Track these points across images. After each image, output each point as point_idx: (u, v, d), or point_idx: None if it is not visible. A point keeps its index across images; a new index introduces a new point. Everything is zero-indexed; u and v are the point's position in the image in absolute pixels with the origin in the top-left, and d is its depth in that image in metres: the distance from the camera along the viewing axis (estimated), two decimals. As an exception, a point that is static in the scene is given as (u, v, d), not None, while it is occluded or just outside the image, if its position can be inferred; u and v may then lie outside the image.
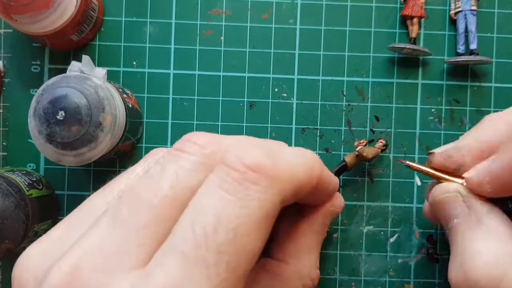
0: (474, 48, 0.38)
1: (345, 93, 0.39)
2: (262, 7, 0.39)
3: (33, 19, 0.32)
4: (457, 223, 0.29)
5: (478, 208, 0.28)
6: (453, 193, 0.29)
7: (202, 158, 0.23)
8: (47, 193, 0.36)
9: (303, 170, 0.25)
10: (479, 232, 0.27)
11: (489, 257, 0.26)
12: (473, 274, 0.26)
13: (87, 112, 0.30)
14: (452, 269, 0.28)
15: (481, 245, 0.27)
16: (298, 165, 0.25)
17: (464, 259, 0.27)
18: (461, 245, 0.28)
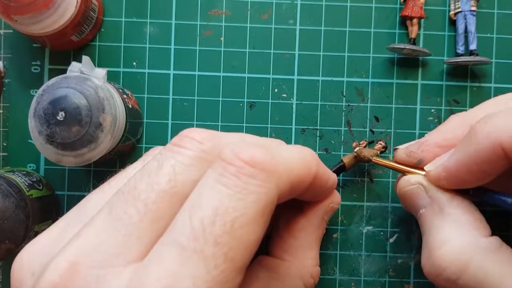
0: (474, 48, 0.38)
1: (345, 94, 0.39)
2: (262, 7, 0.39)
3: (33, 20, 0.32)
4: (422, 213, 0.30)
5: (439, 198, 0.30)
6: (416, 185, 0.31)
7: (200, 153, 0.23)
8: (47, 193, 0.36)
9: (300, 165, 0.26)
10: (442, 221, 0.29)
11: (454, 246, 0.27)
12: (440, 263, 0.27)
13: (87, 113, 0.30)
14: (423, 258, 0.29)
15: (446, 234, 0.28)
16: (294, 160, 0.26)
17: (431, 248, 0.28)
18: (427, 235, 0.29)
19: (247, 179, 0.22)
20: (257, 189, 0.22)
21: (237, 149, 0.22)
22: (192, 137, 0.24)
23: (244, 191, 0.21)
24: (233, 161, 0.22)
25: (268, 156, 0.23)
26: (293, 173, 0.25)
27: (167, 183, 0.22)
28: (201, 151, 0.23)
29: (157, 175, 0.22)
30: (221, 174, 0.22)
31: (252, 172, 0.22)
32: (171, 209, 0.22)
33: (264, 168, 0.22)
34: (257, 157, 0.22)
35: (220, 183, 0.21)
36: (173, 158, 0.23)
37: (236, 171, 0.22)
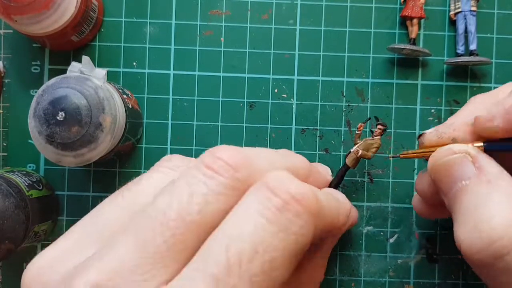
0: (474, 48, 0.38)
1: (345, 94, 0.39)
2: (262, 7, 0.39)
3: (33, 20, 0.32)
4: (465, 185, 0.27)
5: (488, 169, 0.27)
6: (462, 154, 0.28)
7: (233, 181, 0.22)
8: (47, 193, 0.36)
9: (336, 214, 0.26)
10: (492, 193, 0.26)
11: (507, 218, 0.24)
12: (491, 234, 0.24)
13: (87, 113, 0.30)
14: (462, 232, 0.26)
15: (497, 206, 0.25)
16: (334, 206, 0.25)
17: (478, 220, 0.25)
18: (472, 207, 0.26)
19: (291, 217, 0.21)
20: (299, 230, 0.21)
21: (285, 180, 0.21)
22: (226, 161, 0.22)
23: (287, 230, 0.21)
24: (280, 193, 0.21)
25: (314, 197, 0.22)
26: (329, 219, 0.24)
27: (197, 214, 0.21)
28: (235, 179, 0.22)
29: (188, 204, 0.21)
30: (266, 206, 0.21)
31: (297, 210, 0.21)
32: (198, 239, 0.21)
33: (309, 209, 0.21)
34: (305, 195, 0.21)
35: (263, 216, 0.21)
36: (205, 185, 0.22)
37: (282, 206, 0.21)
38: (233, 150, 0.23)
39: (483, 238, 0.25)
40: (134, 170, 0.39)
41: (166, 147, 0.39)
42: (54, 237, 0.38)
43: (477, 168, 0.27)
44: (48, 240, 0.38)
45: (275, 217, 0.21)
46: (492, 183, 0.26)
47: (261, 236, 0.20)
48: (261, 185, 0.22)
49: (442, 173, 0.28)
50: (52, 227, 0.38)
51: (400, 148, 0.39)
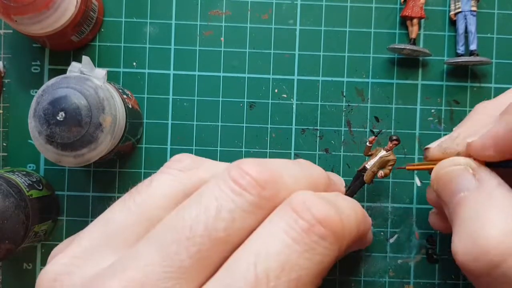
0: (474, 48, 0.38)
1: (345, 94, 0.39)
2: (262, 7, 0.39)
3: (33, 20, 0.32)
4: (464, 196, 0.27)
5: (489, 181, 0.27)
6: (463, 166, 0.28)
7: (261, 200, 0.22)
8: (47, 193, 0.36)
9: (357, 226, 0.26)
10: (490, 205, 0.26)
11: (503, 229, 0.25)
12: (485, 244, 0.25)
13: (87, 113, 0.30)
14: (458, 241, 0.27)
15: (494, 217, 0.25)
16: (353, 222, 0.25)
17: (474, 230, 0.25)
18: (470, 219, 0.26)
19: (317, 239, 0.21)
20: (324, 251, 0.22)
21: (310, 203, 0.22)
22: (254, 177, 0.23)
23: (312, 251, 0.21)
24: (305, 216, 0.22)
25: (339, 219, 0.22)
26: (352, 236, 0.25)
27: (224, 231, 0.21)
28: (263, 198, 0.22)
29: (215, 220, 0.21)
30: (291, 226, 0.21)
31: (323, 233, 0.22)
32: (221, 256, 0.21)
33: (334, 231, 0.22)
34: (329, 217, 0.22)
35: (289, 236, 0.21)
36: (233, 202, 0.22)
37: (308, 228, 0.21)
38: (260, 165, 0.23)
39: (479, 247, 0.25)
40: (134, 170, 0.39)
41: (166, 147, 0.39)
42: (54, 237, 0.38)
43: (477, 180, 0.27)
44: (48, 240, 0.38)
45: (301, 238, 0.21)
46: (491, 195, 0.26)
47: (287, 255, 0.21)
48: (286, 207, 0.22)
49: (443, 184, 0.29)
50: (52, 227, 0.38)
51: (401, 149, 0.39)
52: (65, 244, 0.25)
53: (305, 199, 0.22)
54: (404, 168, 0.34)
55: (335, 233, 0.22)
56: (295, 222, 0.22)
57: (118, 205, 0.25)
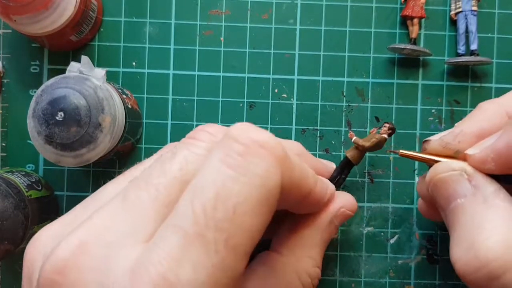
0: (475, 48, 0.38)
1: (345, 94, 0.39)
2: (262, 7, 0.39)
3: (32, 20, 0.32)
4: (460, 203, 0.27)
5: (486, 188, 0.27)
6: (458, 171, 0.28)
7: (212, 144, 0.23)
8: (46, 194, 0.36)
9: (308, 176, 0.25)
10: (488, 213, 0.26)
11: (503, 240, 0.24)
12: (485, 255, 0.24)
13: (86, 113, 0.30)
14: (457, 251, 0.26)
15: (493, 226, 0.25)
16: (305, 168, 0.25)
17: (473, 240, 0.25)
18: (468, 227, 0.26)
19: (253, 159, 0.21)
20: (263, 172, 0.21)
21: (246, 127, 0.22)
22: (206, 130, 0.24)
23: (249, 173, 0.20)
24: (241, 138, 0.21)
25: (278, 142, 0.22)
26: (296, 171, 0.24)
27: (178, 171, 0.22)
28: (214, 142, 0.23)
29: (170, 163, 0.23)
30: (227, 154, 0.21)
31: (260, 153, 0.21)
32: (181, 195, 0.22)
33: (273, 152, 0.21)
34: (268, 139, 0.21)
35: (224, 163, 0.21)
36: (186, 149, 0.23)
37: (243, 150, 0.21)
38: (214, 124, 0.25)
39: (478, 258, 0.25)
40: (134, 170, 0.39)
41: (166, 147, 0.39)
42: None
43: (473, 187, 0.27)
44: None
45: (236, 162, 0.20)
46: (488, 202, 0.26)
47: (223, 182, 0.20)
48: (223, 137, 0.22)
49: (439, 189, 0.28)
50: (51, 227, 0.38)
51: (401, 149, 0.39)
52: None
53: (243, 126, 0.22)
54: (397, 153, 0.33)
55: (274, 154, 0.21)
56: (230, 148, 0.21)
57: (108, 182, 0.27)
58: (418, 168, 0.39)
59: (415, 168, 0.39)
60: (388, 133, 0.35)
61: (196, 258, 0.19)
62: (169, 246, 0.20)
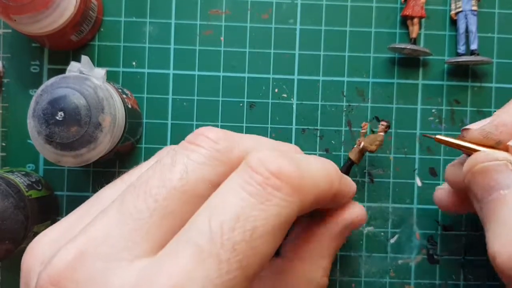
0: (475, 48, 0.38)
1: (345, 94, 0.39)
2: (262, 7, 0.39)
3: (32, 19, 0.32)
4: (503, 194, 0.26)
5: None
6: (503, 161, 0.27)
7: (213, 152, 0.23)
8: (47, 193, 0.36)
9: (324, 181, 0.26)
10: None
11: None
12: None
13: (86, 113, 0.30)
14: (499, 245, 0.25)
15: None
16: (319, 175, 0.25)
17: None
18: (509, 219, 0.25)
19: (272, 190, 0.22)
20: (280, 202, 0.22)
21: (265, 158, 0.22)
22: (206, 135, 0.24)
23: (268, 202, 0.21)
24: (260, 170, 0.22)
25: (295, 170, 0.23)
26: (317, 189, 0.25)
27: (178, 181, 0.22)
28: (215, 150, 0.23)
29: (170, 172, 0.22)
30: (247, 181, 0.22)
31: (278, 184, 0.22)
32: (181, 206, 0.22)
33: (290, 182, 0.22)
34: (284, 170, 0.22)
35: (244, 190, 0.22)
36: (186, 156, 0.23)
37: (262, 181, 0.22)
38: (214, 128, 0.24)
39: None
40: (134, 170, 0.39)
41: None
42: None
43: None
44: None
45: (255, 190, 0.21)
46: None
47: (242, 207, 0.21)
48: (243, 166, 0.23)
49: (479, 178, 0.27)
50: (51, 227, 0.38)
51: (401, 148, 0.39)
52: None
53: (259, 156, 0.23)
54: (432, 138, 0.31)
55: (291, 184, 0.22)
56: (250, 177, 0.22)
57: (108, 185, 0.26)
58: (418, 168, 0.39)
59: (415, 168, 0.39)
60: (385, 130, 0.36)
61: (207, 275, 0.19)
62: (182, 260, 0.20)
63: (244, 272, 0.20)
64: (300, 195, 0.23)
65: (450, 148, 0.39)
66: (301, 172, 0.23)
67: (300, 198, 0.23)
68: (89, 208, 0.25)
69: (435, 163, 0.39)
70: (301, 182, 0.23)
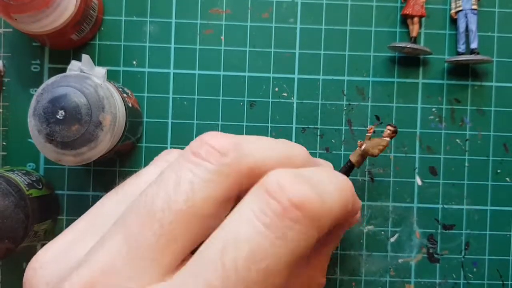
0: (475, 47, 0.38)
1: (345, 93, 0.39)
2: (262, 6, 0.39)
3: (33, 19, 0.32)
4: None
5: None
6: None
7: (221, 167, 0.21)
8: (47, 192, 0.36)
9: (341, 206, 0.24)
10: None
11: None
12: None
13: (87, 112, 0.30)
14: None
15: None
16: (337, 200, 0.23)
17: None
18: None
19: (290, 223, 0.20)
20: (299, 236, 0.20)
21: (285, 183, 0.20)
22: (213, 146, 0.21)
23: (285, 236, 0.20)
24: (279, 198, 0.20)
25: (317, 201, 0.21)
26: (335, 216, 0.23)
27: (184, 203, 0.20)
28: (223, 165, 0.21)
29: (175, 193, 0.20)
30: (263, 211, 0.20)
31: (298, 217, 0.20)
32: (188, 229, 0.20)
33: (310, 214, 0.20)
34: (306, 200, 0.20)
35: (260, 220, 0.20)
36: (191, 172, 0.21)
37: (281, 212, 0.20)
38: (221, 135, 0.22)
39: None
40: (134, 169, 0.39)
41: (166, 146, 0.39)
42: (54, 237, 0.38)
43: None
44: (48, 240, 0.38)
45: (273, 223, 0.20)
46: None
47: (258, 242, 0.19)
48: (259, 187, 0.21)
49: None
50: (52, 226, 0.38)
51: (401, 147, 0.39)
52: None
53: (279, 178, 0.20)
54: None
55: (311, 217, 0.20)
56: (267, 206, 0.20)
57: (108, 195, 0.25)
58: (418, 167, 0.39)
59: (416, 167, 0.39)
60: (391, 136, 0.34)
61: None
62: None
63: None
64: (319, 226, 0.21)
65: (450, 147, 0.39)
66: (322, 200, 0.21)
67: (318, 228, 0.21)
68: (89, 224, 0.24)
69: (435, 162, 0.39)
70: (322, 213, 0.21)
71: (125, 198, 0.24)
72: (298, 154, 0.27)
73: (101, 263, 0.20)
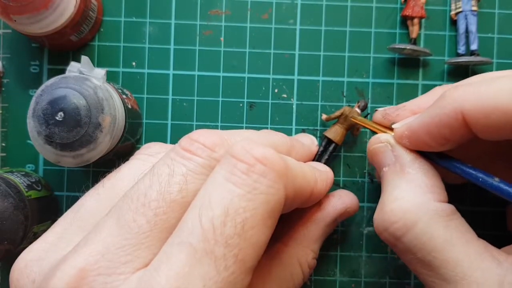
0: (475, 48, 0.38)
1: (345, 94, 0.39)
2: (262, 7, 0.39)
3: (32, 20, 0.32)
4: (385, 171, 0.30)
5: (403, 158, 0.29)
6: (384, 143, 0.30)
7: (211, 161, 0.23)
8: (46, 194, 0.36)
9: (304, 178, 0.26)
10: (400, 180, 0.28)
11: (404, 204, 0.27)
12: (389, 217, 0.27)
13: (86, 113, 0.30)
14: (376, 212, 0.29)
15: (400, 191, 0.28)
16: (300, 172, 0.25)
17: (384, 203, 0.28)
18: (385, 192, 0.29)
19: (257, 177, 0.21)
20: (267, 189, 0.22)
21: (249, 146, 0.22)
22: (202, 143, 0.23)
23: (254, 191, 0.21)
24: (244, 157, 0.22)
25: (278, 157, 0.23)
26: (297, 180, 0.25)
27: (178, 193, 0.22)
28: (213, 159, 0.23)
29: (169, 184, 0.22)
30: (231, 172, 0.21)
31: (263, 170, 0.22)
32: (180, 218, 0.21)
33: (274, 168, 0.22)
34: (268, 155, 0.22)
35: (229, 181, 0.21)
36: (184, 166, 0.23)
37: (247, 169, 0.21)
38: (209, 132, 0.24)
39: (384, 220, 0.27)
40: (134, 171, 0.39)
41: (166, 147, 0.39)
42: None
43: (394, 157, 0.29)
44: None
45: (241, 181, 0.21)
46: (403, 171, 0.29)
47: (230, 199, 0.21)
48: (226, 155, 0.22)
49: (374, 158, 0.31)
50: (51, 227, 0.38)
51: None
52: None
53: (243, 144, 0.22)
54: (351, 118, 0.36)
55: (276, 170, 0.22)
56: (234, 167, 0.22)
57: (89, 192, 0.26)
58: (418, 168, 0.39)
59: (415, 168, 0.39)
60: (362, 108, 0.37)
61: (205, 274, 0.19)
62: (177, 264, 0.19)
63: (242, 265, 0.20)
64: (285, 181, 0.23)
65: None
66: (286, 163, 0.23)
67: (284, 184, 0.23)
68: (73, 220, 0.24)
69: (435, 163, 0.39)
70: (285, 168, 0.23)
71: (105, 192, 0.25)
72: (279, 140, 0.29)
73: (93, 249, 0.21)
